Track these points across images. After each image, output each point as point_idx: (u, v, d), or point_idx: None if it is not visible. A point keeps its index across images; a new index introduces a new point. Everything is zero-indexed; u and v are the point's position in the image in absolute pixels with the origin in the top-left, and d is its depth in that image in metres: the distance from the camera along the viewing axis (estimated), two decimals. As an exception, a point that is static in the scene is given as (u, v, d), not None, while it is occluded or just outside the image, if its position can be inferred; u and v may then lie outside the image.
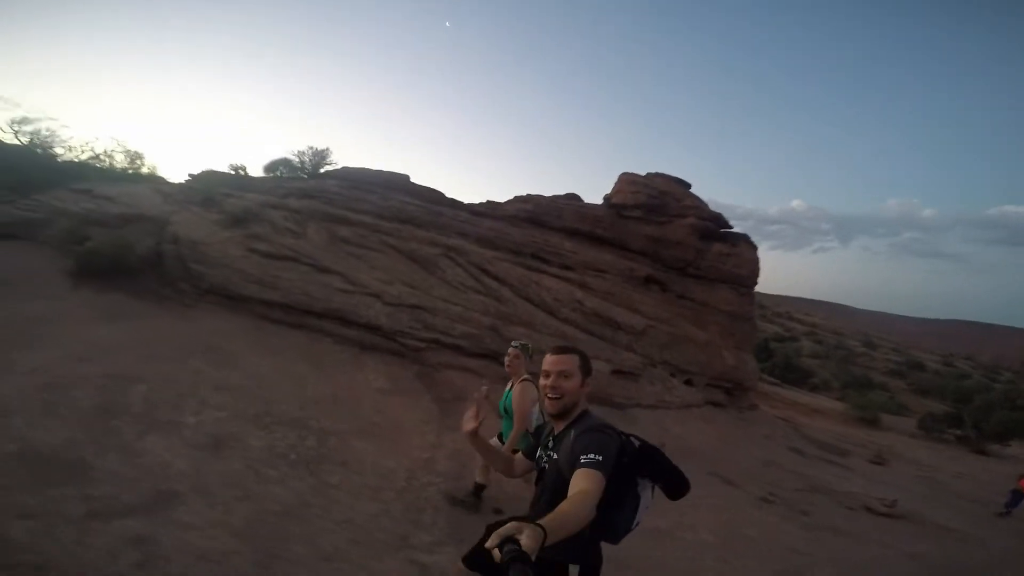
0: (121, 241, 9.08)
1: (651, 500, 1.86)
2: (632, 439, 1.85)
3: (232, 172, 13.96)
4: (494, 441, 4.01)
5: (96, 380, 4.96)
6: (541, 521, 1.24)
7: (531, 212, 12.24)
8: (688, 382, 10.46)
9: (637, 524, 1.85)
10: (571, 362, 1.90)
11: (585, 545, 1.76)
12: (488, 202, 13.96)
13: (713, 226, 11.97)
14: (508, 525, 1.19)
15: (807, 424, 12.27)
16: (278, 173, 14.41)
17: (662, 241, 11.96)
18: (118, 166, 14.43)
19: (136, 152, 14.80)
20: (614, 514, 1.75)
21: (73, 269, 8.70)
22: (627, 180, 12.46)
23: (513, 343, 4.01)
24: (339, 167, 14.57)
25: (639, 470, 1.80)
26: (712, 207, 12.64)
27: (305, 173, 14.48)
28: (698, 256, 11.82)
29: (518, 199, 13.40)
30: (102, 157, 14.20)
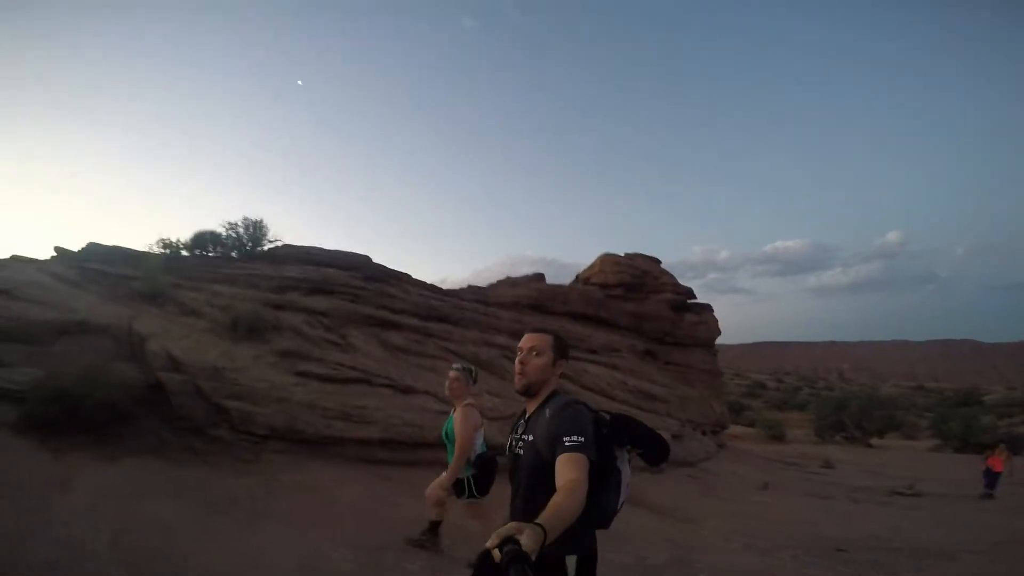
0: (103, 375, 6.19)
1: (630, 473, 1.80)
2: (602, 414, 1.79)
3: (146, 250, 10.37)
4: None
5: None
6: (540, 520, 1.24)
7: (535, 299, 12.46)
8: (704, 433, 11.93)
9: (622, 504, 1.77)
10: (544, 340, 1.85)
11: (578, 534, 1.58)
12: (470, 287, 13.53)
13: (684, 299, 14.03)
14: (508, 525, 1.19)
15: (756, 449, 14.99)
16: (211, 251, 11.33)
17: (643, 316, 13.50)
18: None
19: None
20: (602, 495, 1.66)
21: (17, 422, 5.65)
22: (610, 261, 13.76)
23: (454, 366, 3.87)
24: (281, 244, 12.33)
25: (618, 441, 1.75)
26: (557, 265, 14.78)
27: (239, 252, 11.75)
28: (673, 326, 13.68)
29: (506, 283, 13.41)
30: None
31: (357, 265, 11.31)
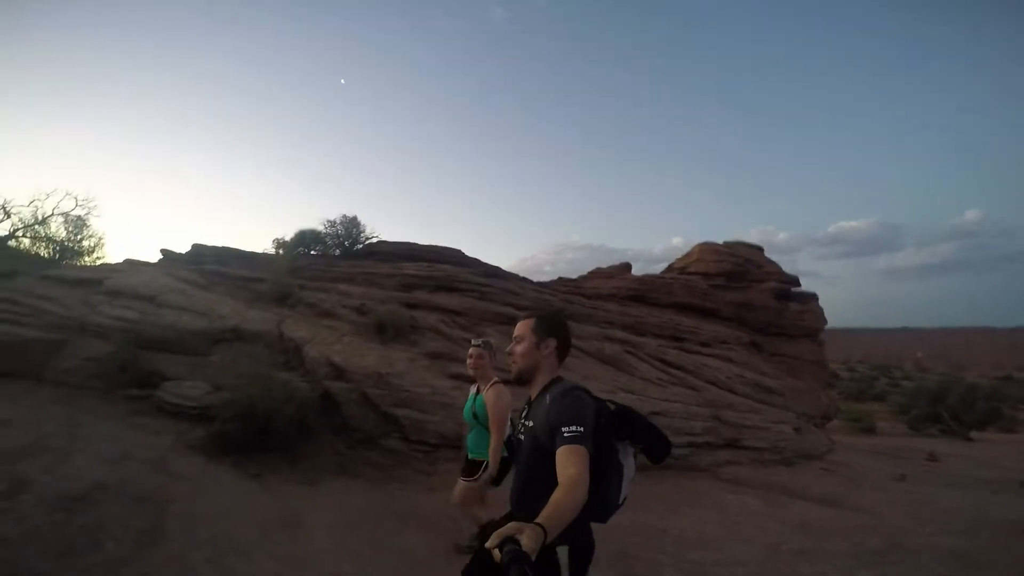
0: (280, 389, 6.07)
1: (634, 469, 1.73)
2: (607, 403, 1.74)
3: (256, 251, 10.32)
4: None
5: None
6: (540, 519, 1.24)
7: (636, 290, 12.12)
8: (816, 425, 11.59)
9: (624, 499, 1.70)
10: (524, 326, 1.82)
11: (572, 525, 1.48)
12: (560, 280, 13.28)
13: (789, 288, 13.49)
14: (509, 525, 1.19)
15: (849, 441, 14.61)
16: (313, 250, 11.25)
17: (746, 306, 13.01)
18: (56, 238, 9.56)
19: (79, 218, 9.91)
20: (602, 487, 1.60)
21: (205, 444, 5.57)
22: (709, 250, 13.27)
23: (474, 341, 3.74)
24: (376, 240, 12.20)
25: (617, 433, 1.68)
26: (604, 251, 14.15)
27: (340, 250, 11.67)
28: (777, 316, 13.17)
29: (599, 275, 13.08)
30: (44, 223, 9.31)
31: (464, 260, 11.15)
